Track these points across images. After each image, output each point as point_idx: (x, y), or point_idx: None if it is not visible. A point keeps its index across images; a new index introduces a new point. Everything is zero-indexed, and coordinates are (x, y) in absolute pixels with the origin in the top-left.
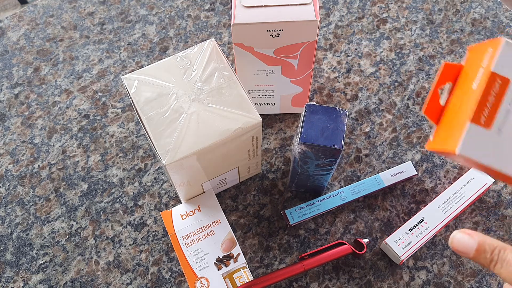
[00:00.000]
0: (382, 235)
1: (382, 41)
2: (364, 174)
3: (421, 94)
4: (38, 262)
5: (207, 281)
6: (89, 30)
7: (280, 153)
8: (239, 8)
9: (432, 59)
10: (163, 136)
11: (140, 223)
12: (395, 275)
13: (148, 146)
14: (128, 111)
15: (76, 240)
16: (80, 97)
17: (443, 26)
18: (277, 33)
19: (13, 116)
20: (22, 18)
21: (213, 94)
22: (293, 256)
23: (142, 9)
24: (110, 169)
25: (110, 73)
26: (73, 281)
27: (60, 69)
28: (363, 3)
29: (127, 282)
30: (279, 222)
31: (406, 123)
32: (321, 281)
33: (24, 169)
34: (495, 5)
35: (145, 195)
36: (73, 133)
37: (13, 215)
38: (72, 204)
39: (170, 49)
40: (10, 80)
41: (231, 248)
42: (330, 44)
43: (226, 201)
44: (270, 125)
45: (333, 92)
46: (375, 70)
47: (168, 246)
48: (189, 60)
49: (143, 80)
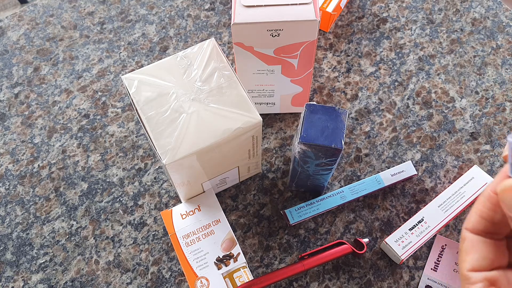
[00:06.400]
0: (382, 235)
1: (382, 41)
2: (364, 174)
3: (421, 94)
4: (38, 261)
5: (207, 280)
6: (89, 29)
7: (280, 153)
8: (239, 7)
9: (432, 59)
10: (163, 135)
11: (140, 222)
12: (395, 274)
13: (148, 146)
14: (128, 111)
15: (76, 239)
16: (80, 97)
17: (443, 26)
18: (277, 32)
19: (13, 115)
20: (22, 17)
21: (213, 93)
22: (293, 255)
23: (142, 8)
24: (110, 168)
25: (110, 73)
26: (73, 280)
27: (60, 68)
28: (363, 3)
29: (127, 282)
30: (279, 221)
31: (406, 123)
32: (321, 281)
33: (24, 168)
34: (495, 4)
35: (145, 194)
36: (73, 133)
37: (13, 215)
38: (72, 204)
39: (170, 49)
40: (10, 80)
41: (231, 248)
42: (330, 43)
43: (226, 200)
44: (270, 124)
45: (333, 91)
46: (375, 69)
47: (168, 245)
48: (189, 60)
49: (143, 79)
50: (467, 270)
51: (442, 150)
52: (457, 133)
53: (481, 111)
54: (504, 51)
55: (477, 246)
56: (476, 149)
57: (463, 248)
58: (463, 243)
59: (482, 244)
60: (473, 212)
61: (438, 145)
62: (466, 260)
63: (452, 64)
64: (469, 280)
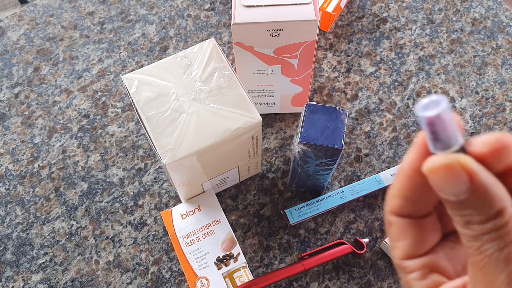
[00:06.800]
0: (382, 235)
1: (382, 41)
2: (364, 174)
3: (421, 94)
4: (38, 261)
5: (207, 280)
6: (89, 29)
7: (280, 153)
8: (239, 7)
9: (432, 59)
10: (163, 135)
11: (140, 222)
12: (395, 274)
13: (148, 146)
14: (128, 111)
15: (76, 239)
16: (80, 97)
17: (443, 26)
18: (277, 32)
19: (13, 115)
20: (22, 17)
21: (213, 93)
22: (293, 255)
23: (142, 8)
24: (110, 168)
25: (110, 73)
26: (73, 280)
27: (60, 68)
28: (363, 3)
29: (127, 282)
30: (279, 221)
31: (406, 123)
32: (321, 281)
33: (24, 168)
34: (495, 4)
35: (145, 194)
36: (73, 133)
37: (13, 215)
38: (72, 204)
39: (170, 49)
40: (10, 80)
41: (231, 248)
42: (330, 43)
43: (226, 200)
44: (270, 124)
45: (333, 91)
46: (375, 69)
47: (168, 245)
48: (189, 60)
49: (143, 79)
50: (400, 259)
51: None
52: None
53: (481, 111)
54: (504, 51)
55: (406, 230)
56: None
57: (392, 234)
58: (390, 229)
59: (411, 226)
60: (394, 193)
61: None
62: (397, 247)
63: (452, 64)
64: (405, 269)
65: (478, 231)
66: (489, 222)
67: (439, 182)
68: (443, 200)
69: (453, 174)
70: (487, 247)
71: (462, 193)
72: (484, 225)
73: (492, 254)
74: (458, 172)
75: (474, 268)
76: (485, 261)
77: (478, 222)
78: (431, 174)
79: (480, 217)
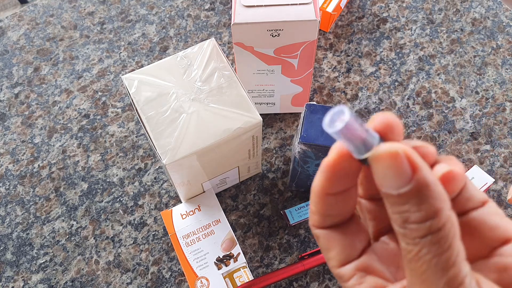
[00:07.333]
0: None
1: (382, 41)
2: None
3: (421, 94)
4: (38, 261)
5: (207, 280)
6: (89, 29)
7: (280, 153)
8: (239, 7)
9: (432, 59)
10: (163, 135)
11: (140, 222)
12: None
13: (148, 146)
14: (128, 111)
15: (76, 239)
16: (80, 97)
17: (443, 26)
18: (277, 32)
19: (13, 115)
20: (22, 17)
21: (213, 93)
22: (293, 255)
23: (142, 8)
24: (110, 168)
25: (110, 73)
26: (73, 280)
27: (60, 68)
28: (363, 3)
29: (127, 282)
30: (279, 221)
31: (406, 123)
32: (321, 281)
33: (24, 168)
34: (495, 4)
35: (145, 194)
36: (73, 133)
37: (13, 215)
38: (72, 204)
39: (170, 49)
40: (10, 80)
41: (231, 248)
42: (330, 43)
43: (226, 200)
44: (270, 124)
45: (333, 91)
46: (375, 69)
47: (168, 245)
48: (189, 60)
49: (143, 79)
50: (336, 268)
51: (442, 150)
52: (457, 133)
53: (481, 111)
54: (504, 51)
55: (333, 239)
56: (476, 149)
57: (322, 246)
58: (318, 242)
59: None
60: (312, 210)
61: (438, 145)
62: (330, 257)
63: (452, 64)
64: (342, 278)
65: (415, 231)
66: (427, 222)
67: (383, 170)
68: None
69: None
70: (425, 252)
71: (404, 185)
72: (422, 224)
73: (430, 260)
74: (402, 162)
75: (412, 274)
76: (424, 267)
77: (415, 220)
78: (376, 162)
79: (418, 214)
